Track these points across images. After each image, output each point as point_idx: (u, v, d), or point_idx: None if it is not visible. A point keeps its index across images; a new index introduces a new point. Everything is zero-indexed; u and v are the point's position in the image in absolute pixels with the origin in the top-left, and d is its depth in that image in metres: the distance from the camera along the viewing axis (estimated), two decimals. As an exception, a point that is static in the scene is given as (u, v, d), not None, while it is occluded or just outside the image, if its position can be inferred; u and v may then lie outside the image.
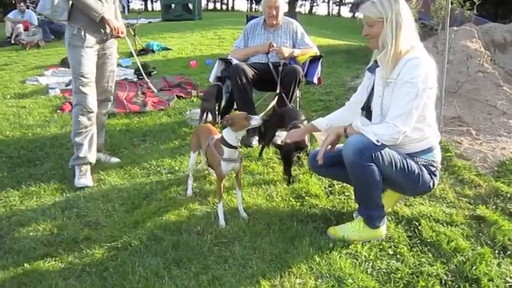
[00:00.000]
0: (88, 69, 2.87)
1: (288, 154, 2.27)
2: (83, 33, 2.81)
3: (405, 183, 2.03)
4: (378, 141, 1.88)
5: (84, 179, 2.83)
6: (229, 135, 2.22)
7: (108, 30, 2.91)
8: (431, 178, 2.04)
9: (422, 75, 1.86)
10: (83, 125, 2.89)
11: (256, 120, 2.17)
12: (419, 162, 2.01)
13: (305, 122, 2.69)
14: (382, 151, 1.91)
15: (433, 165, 2.04)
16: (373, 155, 1.90)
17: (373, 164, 1.91)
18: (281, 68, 3.46)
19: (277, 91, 3.35)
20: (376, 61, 2.06)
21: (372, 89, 2.11)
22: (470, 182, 2.70)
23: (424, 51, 1.96)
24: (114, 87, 5.37)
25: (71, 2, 2.82)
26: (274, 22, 3.69)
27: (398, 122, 1.86)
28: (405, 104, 1.86)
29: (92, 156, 2.96)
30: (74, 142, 2.93)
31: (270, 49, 3.60)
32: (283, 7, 3.67)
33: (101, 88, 3.09)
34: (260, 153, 3.01)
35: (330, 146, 2.06)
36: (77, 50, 2.82)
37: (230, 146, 2.22)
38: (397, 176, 1.97)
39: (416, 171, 1.98)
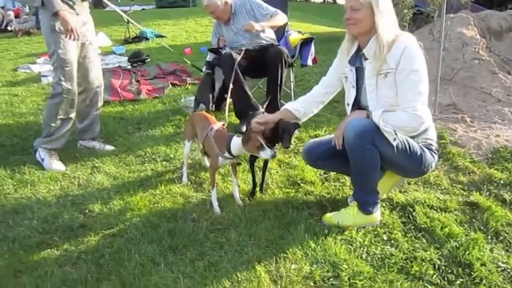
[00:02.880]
0: (73, 56, 2.83)
1: (289, 126, 2.18)
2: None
3: (408, 165, 2.03)
4: (394, 139, 1.89)
5: (57, 163, 2.90)
6: (236, 146, 2.14)
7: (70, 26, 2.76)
8: (433, 157, 2.05)
9: (422, 60, 1.88)
10: (65, 111, 2.90)
11: (266, 154, 2.02)
12: (419, 143, 2.01)
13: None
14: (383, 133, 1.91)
15: (432, 145, 2.05)
16: (375, 137, 1.91)
17: (373, 147, 1.92)
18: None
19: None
20: (357, 53, 2.04)
21: (357, 84, 2.08)
22: (465, 169, 2.71)
23: (410, 36, 1.96)
24: (109, 75, 5.37)
25: None
26: (222, 22, 3.65)
27: (419, 112, 1.87)
28: (419, 93, 1.87)
29: (64, 140, 3.03)
30: (47, 127, 2.94)
31: (220, 44, 3.62)
32: (220, 2, 3.52)
33: (88, 80, 3.06)
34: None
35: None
36: (60, 34, 2.74)
37: (231, 154, 2.18)
38: (400, 157, 1.97)
39: (419, 152, 1.99)
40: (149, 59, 6.26)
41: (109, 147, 3.20)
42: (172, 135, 3.43)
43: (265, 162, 2.45)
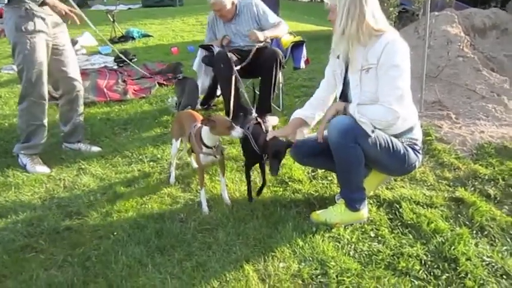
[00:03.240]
0: (42, 57, 2.71)
1: (280, 148, 2.10)
2: (31, 14, 2.62)
3: (391, 163, 2.05)
4: (373, 131, 1.90)
5: (40, 166, 2.84)
6: (207, 135, 2.16)
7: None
8: (417, 157, 2.07)
9: (404, 57, 1.89)
10: (37, 117, 2.82)
11: (237, 133, 2.08)
12: (404, 143, 2.03)
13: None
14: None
15: (416, 144, 2.07)
16: (357, 136, 1.92)
17: (357, 145, 1.93)
18: (254, 50, 3.39)
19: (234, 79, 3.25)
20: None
21: (345, 78, 2.11)
22: (450, 165, 2.75)
23: (395, 32, 1.98)
24: (94, 75, 5.30)
25: None
26: (225, 19, 3.57)
27: (395, 106, 1.88)
28: (397, 87, 1.88)
29: (41, 146, 2.95)
30: (23, 132, 2.87)
31: (223, 42, 3.51)
32: (229, 0, 3.45)
33: (65, 79, 2.97)
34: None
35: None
36: (26, 34, 2.64)
37: (206, 146, 2.18)
38: (382, 156, 1.99)
39: (402, 151, 2.01)
40: (135, 59, 6.20)
41: (95, 149, 3.17)
42: (159, 136, 3.40)
43: (263, 166, 2.39)
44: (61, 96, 3.07)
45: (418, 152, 2.08)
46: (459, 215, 2.20)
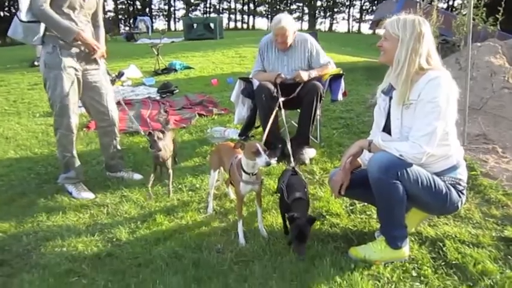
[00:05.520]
0: (68, 91, 2.81)
1: (303, 229, 2.00)
2: (58, 50, 2.76)
3: (432, 202, 1.99)
4: (401, 155, 1.86)
5: (85, 192, 2.98)
6: (245, 161, 2.21)
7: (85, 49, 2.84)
8: (459, 197, 1.99)
9: (444, 94, 1.85)
10: (67, 148, 2.96)
11: (261, 161, 2.08)
12: (446, 181, 1.97)
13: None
14: (408, 168, 1.88)
15: (460, 184, 2.00)
16: (399, 172, 1.88)
17: (398, 181, 1.89)
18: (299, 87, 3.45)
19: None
20: (391, 84, 2.06)
21: (389, 112, 2.09)
22: (497, 202, 2.62)
23: (444, 70, 1.95)
24: (138, 105, 5.55)
25: (43, 25, 2.74)
26: (283, 47, 3.61)
27: (422, 142, 1.84)
28: (428, 124, 1.84)
29: (81, 174, 3.09)
30: (61, 163, 3.03)
31: (277, 80, 3.52)
32: (292, 29, 3.50)
33: (99, 114, 3.11)
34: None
35: (351, 158, 2.06)
36: (53, 71, 2.79)
37: (245, 172, 2.22)
38: (424, 194, 1.93)
39: (444, 190, 1.94)
40: (177, 90, 6.47)
41: (137, 176, 3.29)
42: (199, 165, 3.48)
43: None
44: (97, 127, 3.26)
45: (462, 192, 2.00)
46: (509, 256, 2.07)
